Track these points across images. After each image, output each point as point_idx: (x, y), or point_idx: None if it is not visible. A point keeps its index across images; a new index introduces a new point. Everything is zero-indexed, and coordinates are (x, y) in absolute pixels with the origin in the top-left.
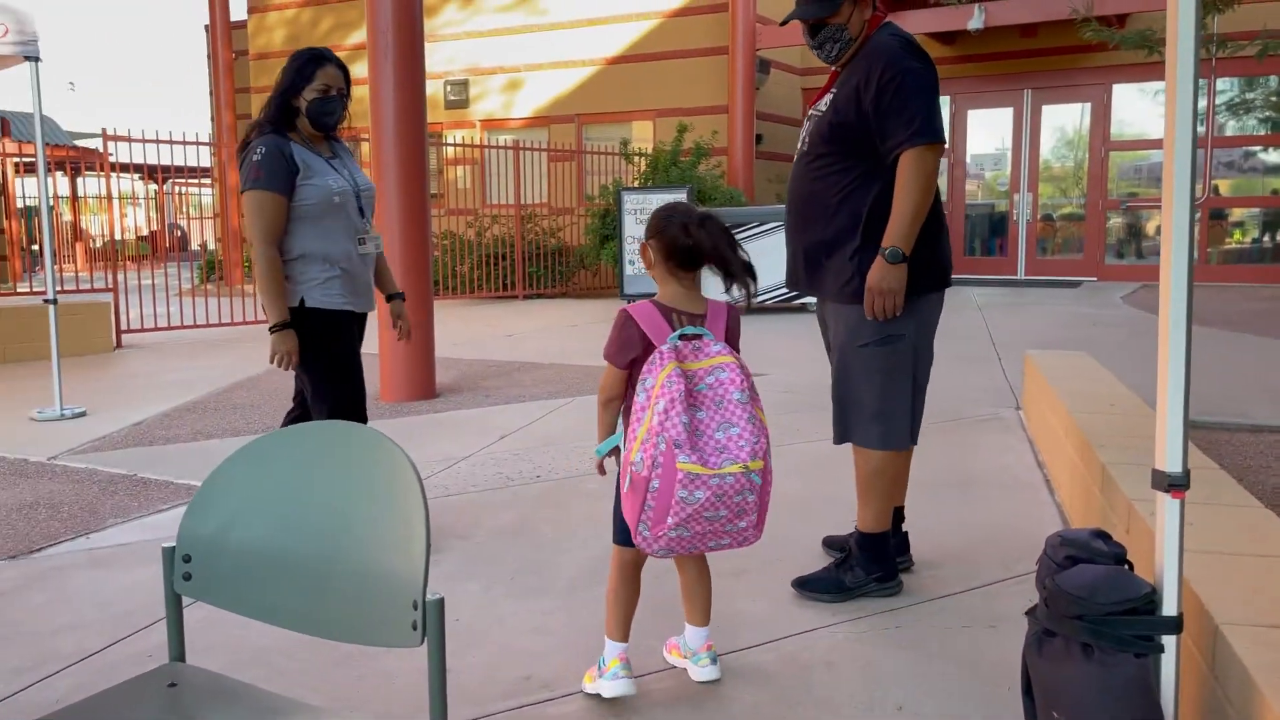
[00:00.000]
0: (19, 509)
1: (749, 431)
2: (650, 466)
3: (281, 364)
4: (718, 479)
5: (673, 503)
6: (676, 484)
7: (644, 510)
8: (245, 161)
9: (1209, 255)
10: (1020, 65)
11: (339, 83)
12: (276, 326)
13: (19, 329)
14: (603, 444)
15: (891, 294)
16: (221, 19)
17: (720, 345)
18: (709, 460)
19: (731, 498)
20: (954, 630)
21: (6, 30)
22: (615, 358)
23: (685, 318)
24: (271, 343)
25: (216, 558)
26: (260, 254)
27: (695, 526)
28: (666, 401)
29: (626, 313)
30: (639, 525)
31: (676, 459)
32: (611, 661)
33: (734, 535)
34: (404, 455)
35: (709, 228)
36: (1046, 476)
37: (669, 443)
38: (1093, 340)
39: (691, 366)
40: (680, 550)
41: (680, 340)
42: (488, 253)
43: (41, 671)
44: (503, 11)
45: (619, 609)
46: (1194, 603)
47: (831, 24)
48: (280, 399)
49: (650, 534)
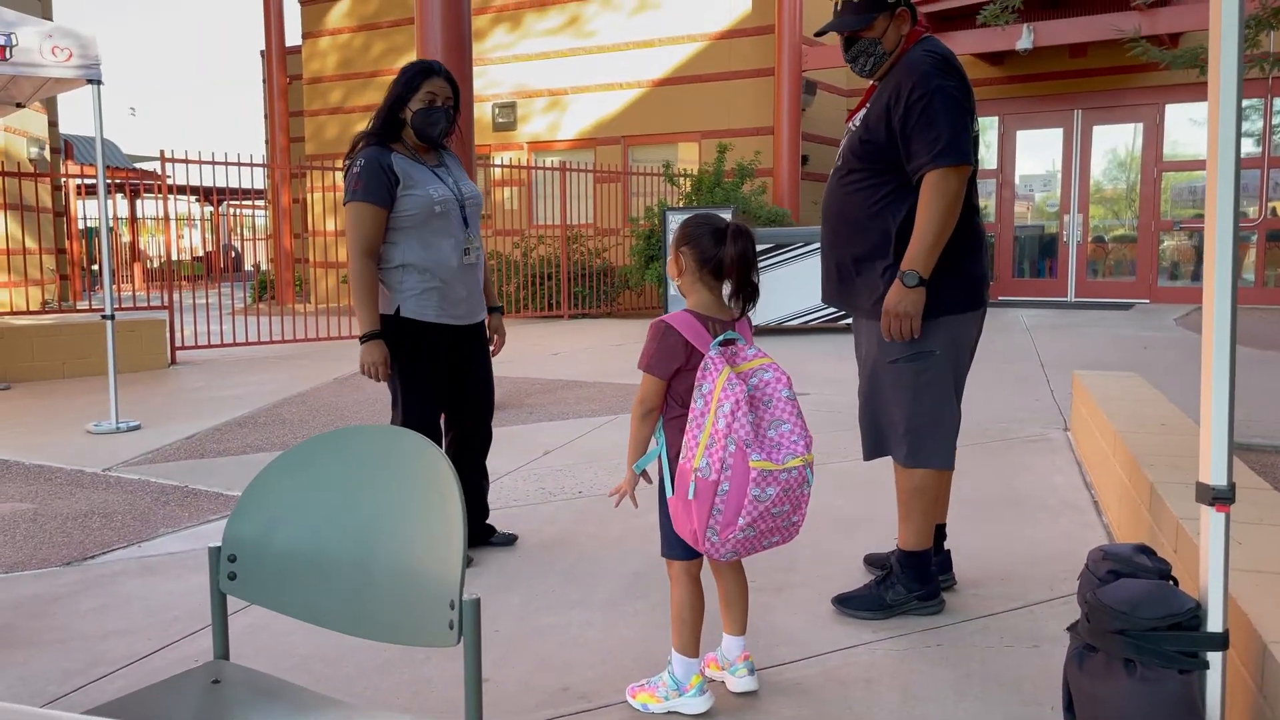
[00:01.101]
0: (74, 518)
1: (799, 427)
2: (719, 469)
3: (371, 374)
4: (785, 474)
5: (745, 502)
6: (750, 483)
7: (713, 515)
8: (347, 173)
9: (1267, 278)
10: (1070, 85)
11: (446, 94)
12: (366, 337)
13: (78, 345)
14: (643, 458)
15: (907, 317)
16: (277, 44)
17: (755, 349)
18: (774, 456)
19: (795, 491)
20: (996, 650)
21: (70, 54)
22: (657, 368)
23: (720, 325)
24: (360, 353)
25: (260, 559)
26: (355, 265)
27: (762, 524)
28: (732, 404)
29: (665, 323)
30: (707, 531)
31: (749, 458)
32: (694, 679)
33: (786, 531)
34: (443, 457)
35: (740, 242)
36: (1094, 497)
37: (739, 443)
38: (1144, 362)
39: (738, 369)
40: (744, 551)
41: (720, 346)
42: (534, 273)
43: (92, 674)
44: (549, 35)
45: (691, 623)
46: (1242, 621)
47: (865, 38)
48: (330, 414)
49: (719, 538)
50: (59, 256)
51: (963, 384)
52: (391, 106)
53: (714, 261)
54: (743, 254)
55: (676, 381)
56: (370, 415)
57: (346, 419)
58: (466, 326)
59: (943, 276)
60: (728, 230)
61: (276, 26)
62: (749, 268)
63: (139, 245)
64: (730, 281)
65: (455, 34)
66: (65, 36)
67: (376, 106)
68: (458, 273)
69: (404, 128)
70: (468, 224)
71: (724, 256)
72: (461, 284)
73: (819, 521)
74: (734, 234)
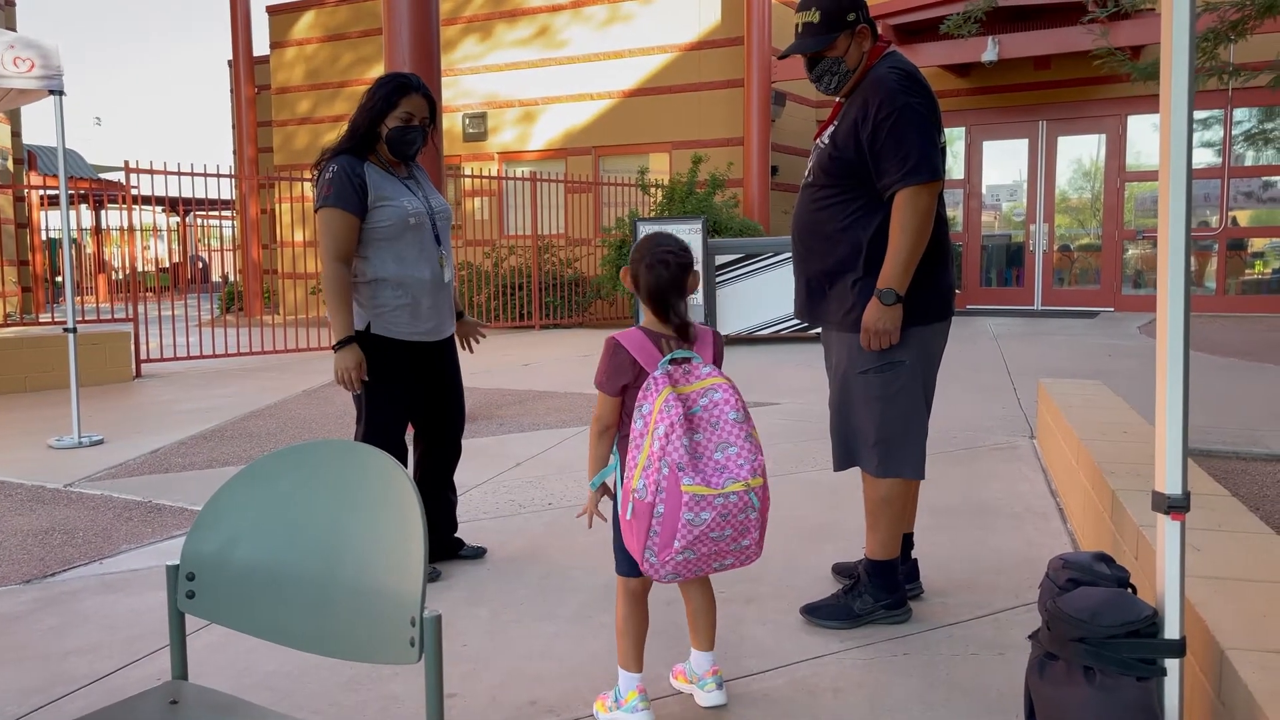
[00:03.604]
0: (35, 534)
1: (747, 450)
2: (654, 491)
3: (345, 381)
4: (722, 499)
5: (679, 525)
6: (682, 507)
7: (650, 536)
8: (318, 181)
9: (1228, 286)
10: (1035, 97)
11: (423, 112)
12: (340, 343)
13: (40, 358)
14: (597, 476)
15: (886, 333)
16: (245, 54)
17: (710, 367)
18: (712, 481)
19: (735, 516)
20: (962, 658)
21: (32, 65)
22: (607, 385)
23: (674, 342)
24: (334, 360)
25: (219, 576)
26: (327, 271)
27: (701, 548)
28: (666, 426)
29: (616, 340)
30: (645, 552)
31: (681, 481)
32: (629, 694)
33: (737, 554)
34: (403, 473)
35: (657, 271)
36: (1059, 505)
37: (672, 466)
38: (1108, 370)
39: (684, 390)
40: (687, 574)
41: (671, 364)
42: (505, 283)
43: (52, 693)
44: (520, 46)
45: (630, 639)
46: (1200, 628)
47: (828, 57)
48: (298, 427)
49: (657, 559)
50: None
51: (932, 394)
52: (370, 122)
53: (643, 287)
54: (657, 285)
55: (630, 398)
56: (339, 428)
57: (315, 432)
58: (436, 343)
59: (913, 288)
60: (658, 258)
61: (244, 36)
62: (664, 299)
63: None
64: (649, 310)
65: (424, 45)
66: (27, 47)
67: (346, 117)
68: (430, 287)
69: (378, 141)
70: (439, 238)
71: (651, 283)
72: (433, 299)
73: (788, 531)
74: (649, 265)
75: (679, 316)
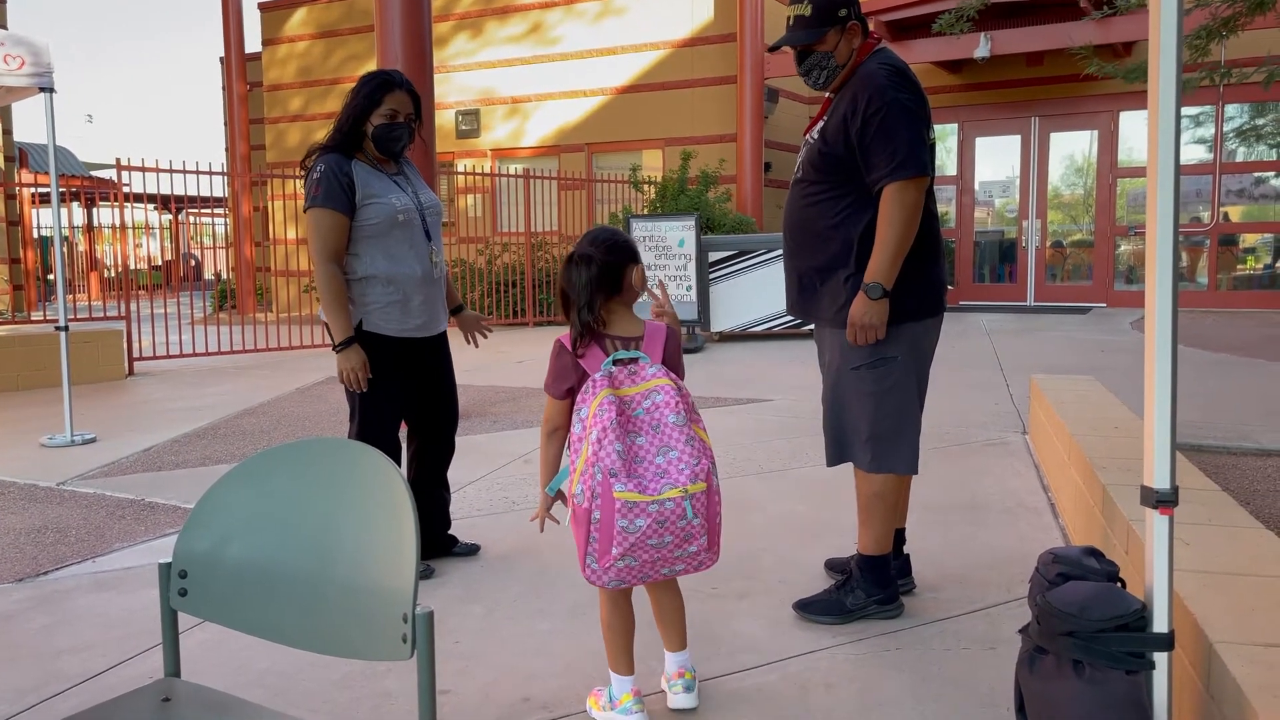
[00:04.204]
0: (27, 533)
1: (688, 454)
2: (590, 498)
3: (351, 381)
4: (656, 505)
5: (615, 532)
6: (616, 513)
7: (589, 542)
8: (306, 181)
9: (1219, 281)
10: (1027, 93)
11: (408, 108)
12: (341, 344)
13: (32, 357)
14: (553, 481)
15: (872, 328)
16: (236, 52)
17: (656, 368)
18: (648, 487)
19: (674, 523)
20: (954, 652)
21: (23, 62)
22: (552, 387)
23: (620, 342)
24: (337, 361)
25: (212, 574)
26: (320, 272)
27: (642, 555)
28: (599, 430)
29: (559, 342)
30: (586, 558)
31: (613, 488)
32: (623, 696)
33: (686, 560)
34: (395, 470)
35: (568, 270)
36: (1051, 500)
37: (604, 472)
38: (1101, 365)
39: (628, 391)
40: (633, 580)
41: (615, 365)
42: (498, 280)
43: (45, 692)
44: (513, 42)
45: (616, 642)
46: (1189, 621)
47: (818, 51)
48: (292, 425)
49: (598, 565)
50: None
51: (924, 389)
52: (354, 120)
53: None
54: (565, 281)
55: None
56: (332, 425)
57: (308, 430)
58: (428, 339)
59: (904, 283)
60: (578, 255)
61: (236, 33)
62: (566, 298)
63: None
64: None
65: (416, 41)
66: (17, 45)
67: (337, 114)
68: (421, 283)
69: (365, 139)
70: (429, 234)
71: (566, 281)
72: (424, 295)
73: (780, 527)
74: (567, 262)
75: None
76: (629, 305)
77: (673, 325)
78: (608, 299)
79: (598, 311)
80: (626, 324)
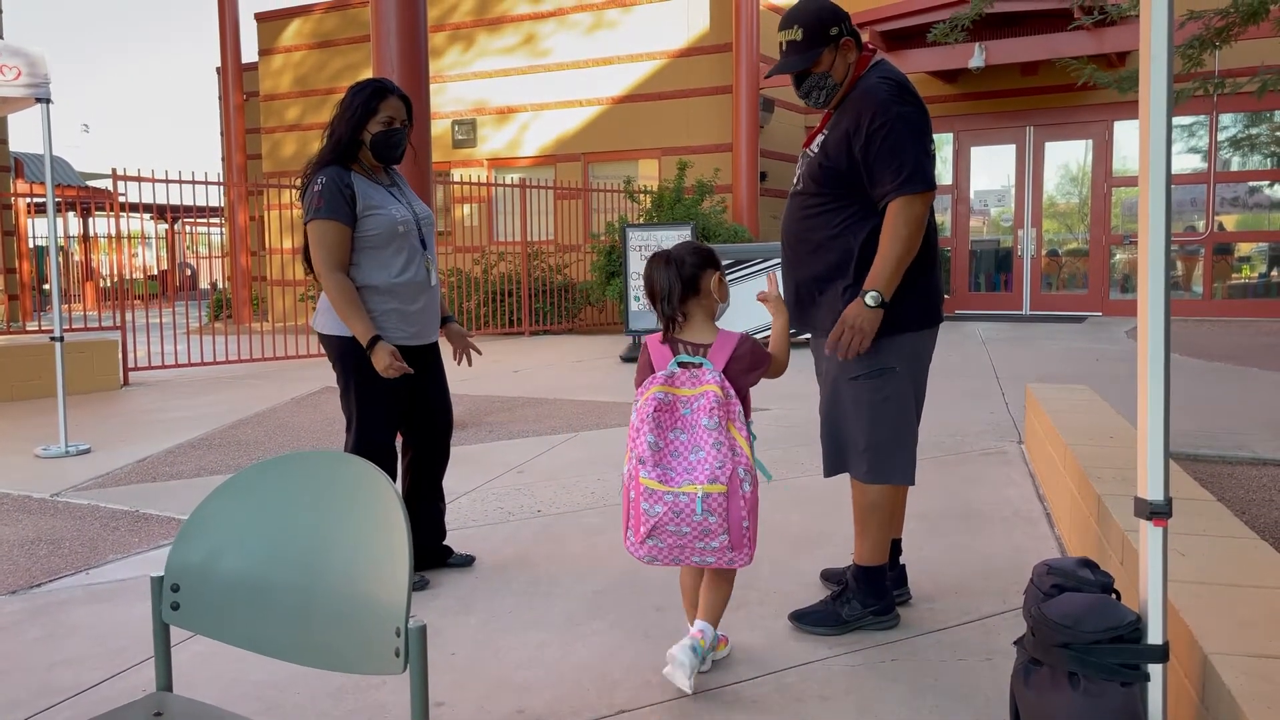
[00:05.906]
0: (21, 545)
1: (713, 457)
2: (628, 480)
3: (393, 374)
4: (672, 496)
5: (640, 514)
6: (640, 496)
7: (628, 517)
8: (307, 193)
9: (1214, 290)
10: (1022, 103)
11: (402, 115)
12: (370, 343)
13: (27, 367)
14: None
15: (861, 333)
16: (233, 62)
17: (712, 374)
18: (672, 479)
19: (689, 517)
20: (949, 663)
21: (19, 73)
22: (636, 380)
23: (689, 347)
24: (373, 360)
25: (204, 587)
26: (330, 281)
27: (665, 539)
28: (638, 420)
29: (645, 341)
30: (627, 531)
31: (640, 474)
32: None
33: (714, 554)
34: (388, 482)
35: (655, 272)
36: (1047, 510)
37: (635, 459)
38: (1096, 375)
39: (685, 392)
40: (665, 560)
41: (679, 367)
42: (494, 289)
43: (37, 705)
44: (509, 53)
45: (683, 595)
46: (1184, 633)
47: (815, 73)
48: (287, 435)
49: (635, 539)
50: (8, 276)
51: (922, 400)
52: (351, 128)
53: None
54: (647, 278)
55: None
56: (328, 436)
57: (304, 440)
58: (422, 347)
59: (902, 294)
60: (657, 260)
61: (233, 43)
62: (651, 291)
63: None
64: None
65: (412, 52)
66: (14, 55)
67: (329, 125)
68: (417, 293)
69: (361, 149)
70: (425, 244)
71: (647, 281)
72: (419, 304)
73: (776, 537)
74: (660, 261)
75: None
76: (708, 312)
77: (775, 312)
78: (685, 299)
79: (677, 306)
80: (701, 330)
